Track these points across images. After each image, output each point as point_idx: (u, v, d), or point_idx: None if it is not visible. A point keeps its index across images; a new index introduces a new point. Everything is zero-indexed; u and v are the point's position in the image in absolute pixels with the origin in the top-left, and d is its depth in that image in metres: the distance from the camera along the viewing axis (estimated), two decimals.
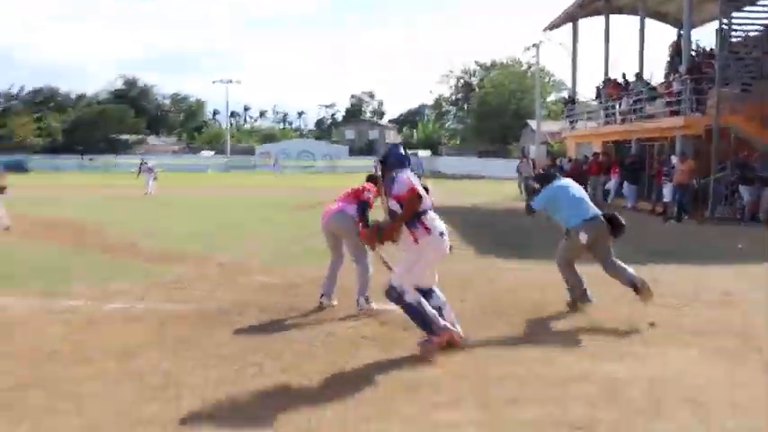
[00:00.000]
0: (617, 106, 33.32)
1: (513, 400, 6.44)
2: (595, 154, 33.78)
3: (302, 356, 7.78)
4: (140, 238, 18.49)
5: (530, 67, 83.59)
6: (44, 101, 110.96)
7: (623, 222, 10.32)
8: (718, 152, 24.43)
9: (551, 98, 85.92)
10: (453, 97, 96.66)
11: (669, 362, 7.77)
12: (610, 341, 8.61)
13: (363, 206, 9.74)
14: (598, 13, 38.40)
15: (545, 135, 66.07)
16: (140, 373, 7.18)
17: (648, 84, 31.89)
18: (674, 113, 27.61)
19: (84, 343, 8.27)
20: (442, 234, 7.84)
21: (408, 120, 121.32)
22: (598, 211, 10.41)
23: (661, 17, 39.39)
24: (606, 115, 35.14)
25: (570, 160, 37.24)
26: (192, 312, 9.91)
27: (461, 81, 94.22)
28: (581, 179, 31.53)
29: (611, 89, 35.10)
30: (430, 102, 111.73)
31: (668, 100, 28.14)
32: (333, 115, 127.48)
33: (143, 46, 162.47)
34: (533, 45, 63.33)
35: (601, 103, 36.52)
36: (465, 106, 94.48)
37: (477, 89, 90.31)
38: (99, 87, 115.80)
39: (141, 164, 40.37)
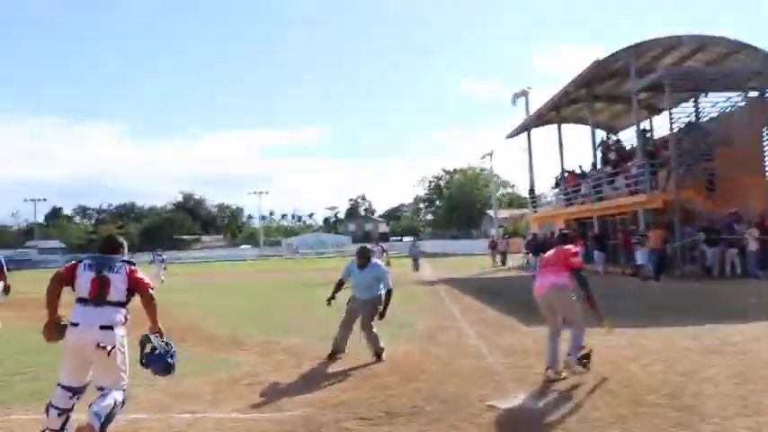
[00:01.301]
0: (578, 191, 29.83)
1: None
2: (561, 230, 30.24)
3: None
4: (201, 319, 14.48)
5: (482, 171, 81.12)
6: (125, 213, 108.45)
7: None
8: (680, 221, 20.89)
9: (499, 193, 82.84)
10: (426, 195, 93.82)
11: None
12: None
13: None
14: (550, 123, 35.33)
15: (500, 220, 62.98)
16: None
17: (601, 172, 28.40)
18: (633, 193, 24.14)
19: None
20: (74, 324, 5.16)
21: (392, 215, 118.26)
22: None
23: (594, 125, 36.61)
24: (567, 199, 31.62)
25: (535, 236, 33.52)
26: (276, 429, 5.92)
27: (432, 183, 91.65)
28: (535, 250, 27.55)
29: (570, 179, 31.72)
30: (407, 200, 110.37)
31: (627, 182, 24.66)
32: (336, 214, 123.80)
33: (197, 170, 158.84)
34: (488, 153, 61.04)
35: (561, 190, 33.08)
36: (437, 202, 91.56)
37: (444, 189, 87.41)
38: (165, 201, 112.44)
39: (155, 255, 30.91)
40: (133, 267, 5.50)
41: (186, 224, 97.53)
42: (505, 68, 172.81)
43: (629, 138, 34.30)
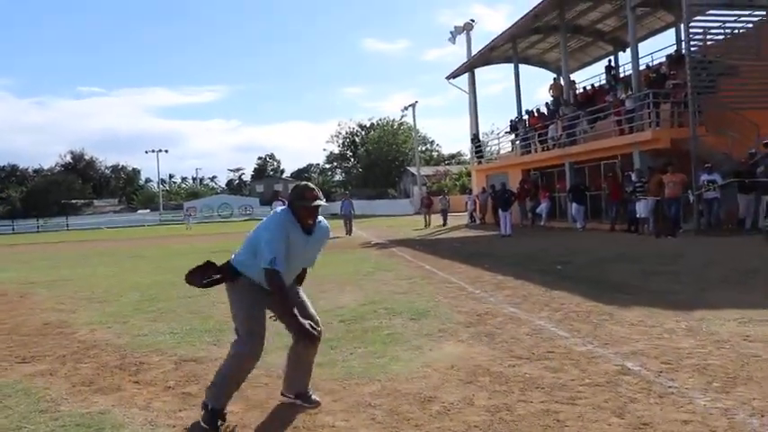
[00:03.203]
0: (543, 135, 25.46)
1: None
2: (522, 181, 25.79)
3: None
4: (69, 309, 9.12)
5: (401, 126, 76.25)
6: (6, 176, 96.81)
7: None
8: (697, 163, 16.83)
9: (420, 149, 78.10)
10: (340, 152, 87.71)
11: None
12: None
13: None
14: (502, 61, 30.94)
15: (423, 177, 58.63)
16: None
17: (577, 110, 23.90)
18: (622, 132, 20.06)
19: None
20: None
21: (300, 176, 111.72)
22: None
23: (544, 64, 32.68)
24: (525, 146, 27.29)
25: (495, 188, 28.92)
26: None
27: (347, 140, 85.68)
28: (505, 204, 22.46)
29: (534, 120, 27.38)
30: (317, 159, 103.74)
31: (617, 119, 20.45)
32: (240, 177, 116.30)
33: (87, 131, 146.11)
34: (410, 105, 56.42)
35: (517, 135, 28.68)
36: (351, 160, 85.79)
37: (360, 146, 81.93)
38: (52, 163, 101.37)
39: None
40: None
41: (75, 187, 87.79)
42: (409, 28, 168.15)
43: (583, 80, 30.56)
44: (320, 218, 4.14)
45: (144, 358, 5.86)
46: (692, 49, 17.81)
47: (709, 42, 18.82)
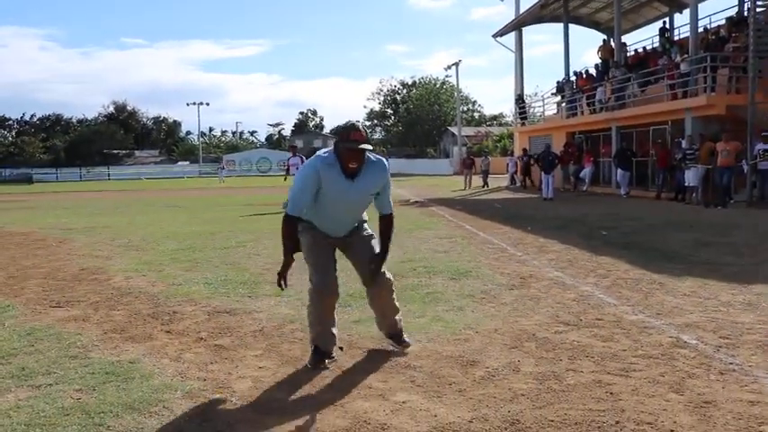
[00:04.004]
0: (591, 97, 24.77)
1: None
2: (566, 145, 25.12)
3: None
4: (104, 257, 9.10)
5: (443, 85, 75.23)
6: (51, 125, 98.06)
7: None
8: (754, 131, 16.10)
9: (462, 109, 77.04)
10: (381, 110, 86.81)
11: None
12: None
13: None
14: (551, 20, 30.06)
15: (464, 138, 57.94)
16: None
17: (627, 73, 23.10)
18: (675, 97, 19.35)
19: None
20: None
21: None
22: None
23: (595, 25, 31.64)
24: (571, 108, 26.63)
25: (525, 152, 28.44)
26: None
27: (388, 98, 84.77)
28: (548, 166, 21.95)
29: (583, 81, 26.65)
30: (357, 117, 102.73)
31: (670, 83, 19.72)
32: (279, 132, 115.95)
33: (130, 82, 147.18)
34: (454, 63, 55.50)
35: (563, 97, 27.98)
36: (392, 118, 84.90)
37: (401, 104, 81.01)
38: (95, 113, 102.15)
39: None
40: None
41: (117, 137, 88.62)
42: None
43: (632, 43, 29.46)
44: (374, 156, 3.94)
45: (177, 308, 5.77)
46: (758, 10, 16.99)
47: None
